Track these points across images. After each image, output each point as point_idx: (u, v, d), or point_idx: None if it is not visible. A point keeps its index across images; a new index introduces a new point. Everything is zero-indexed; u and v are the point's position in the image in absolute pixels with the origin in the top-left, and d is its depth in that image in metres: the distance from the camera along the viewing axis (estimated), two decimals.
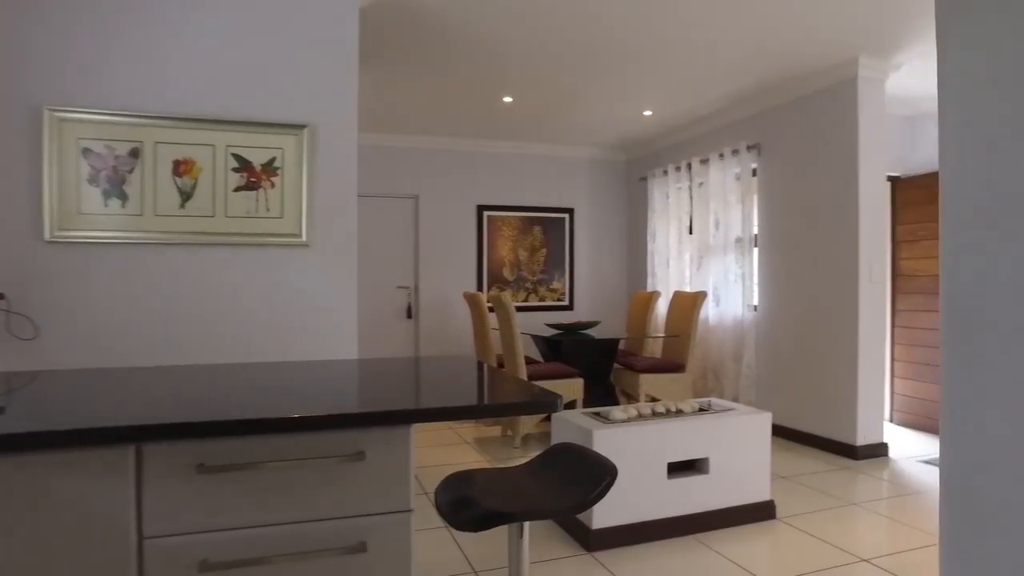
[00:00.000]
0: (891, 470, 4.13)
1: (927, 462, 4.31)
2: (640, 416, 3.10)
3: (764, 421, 3.25)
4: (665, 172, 6.36)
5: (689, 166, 5.99)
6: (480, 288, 6.72)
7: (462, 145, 6.59)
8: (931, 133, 5.27)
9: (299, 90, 3.11)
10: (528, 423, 4.65)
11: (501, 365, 5.25)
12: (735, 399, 5.35)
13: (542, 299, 6.96)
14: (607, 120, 5.88)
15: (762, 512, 3.23)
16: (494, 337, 5.47)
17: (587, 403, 4.98)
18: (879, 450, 4.43)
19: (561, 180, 7.04)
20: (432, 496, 3.41)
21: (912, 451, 4.57)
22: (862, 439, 4.39)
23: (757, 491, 3.23)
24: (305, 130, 3.04)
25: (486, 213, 6.74)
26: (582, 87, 4.86)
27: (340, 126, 3.19)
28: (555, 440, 3.24)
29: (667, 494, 3.00)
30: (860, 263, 4.38)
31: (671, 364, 5.14)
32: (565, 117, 5.75)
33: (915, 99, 5.22)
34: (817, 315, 4.71)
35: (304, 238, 3.06)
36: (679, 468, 3.10)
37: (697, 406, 3.29)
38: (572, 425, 3.03)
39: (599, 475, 1.67)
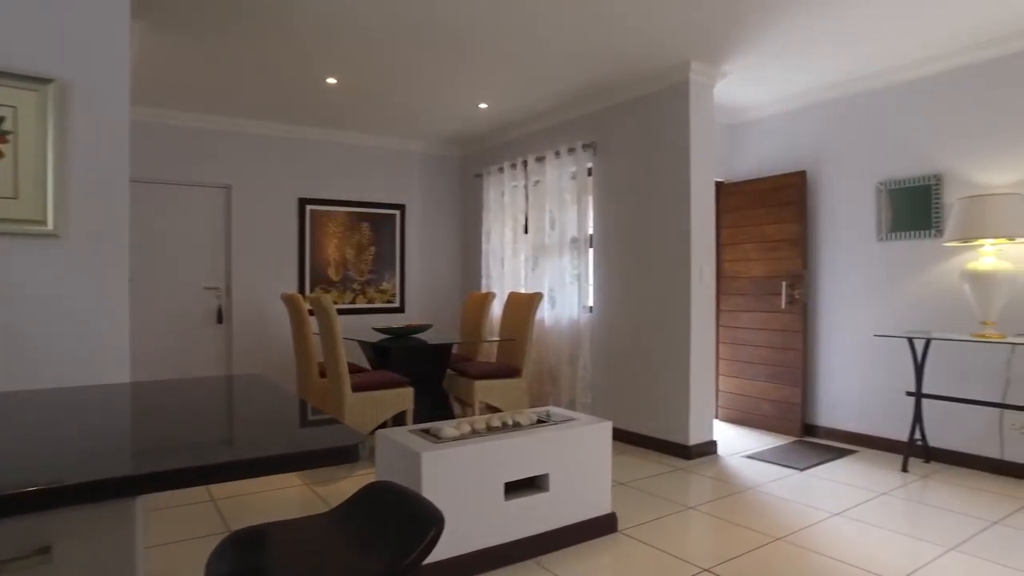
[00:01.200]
0: (720, 468, 4.17)
1: (751, 457, 4.41)
2: (474, 432, 2.77)
3: (605, 431, 3.06)
4: (501, 169, 6.14)
5: (525, 164, 5.82)
6: (302, 289, 6.09)
7: (282, 131, 5.92)
8: (751, 142, 5.50)
9: (43, 33, 2.42)
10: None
11: (323, 374, 4.71)
12: (571, 403, 5.23)
13: (371, 301, 6.46)
14: (441, 112, 5.54)
15: (604, 526, 3.04)
16: (317, 343, 4.90)
17: (418, 414, 4.59)
18: (709, 448, 4.48)
19: (392, 174, 6.59)
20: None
21: (737, 447, 4.68)
22: (694, 438, 4.41)
23: (599, 505, 3.03)
24: (51, 86, 2.37)
25: (309, 207, 6.12)
26: (414, 72, 4.47)
27: (105, 87, 2.55)
28: (380, 462, 2.82)
29: (505, 517, 2.70)
30: (692, 265, 4.40)
31: (507, 369, 4.89)
32: (396, 105, 5.32)
33: (737, 109, 5.43)
34: (650, 316, 4.70)
35: (51, 226, 2.38)
36: (517, 487, 2.81)
37: (535, 417, 3.02)
38: (398, 447, 2.64)
39: (423, 527, 1.29)
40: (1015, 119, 4.00)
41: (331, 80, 4.61)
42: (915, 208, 4.40)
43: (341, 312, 6.26)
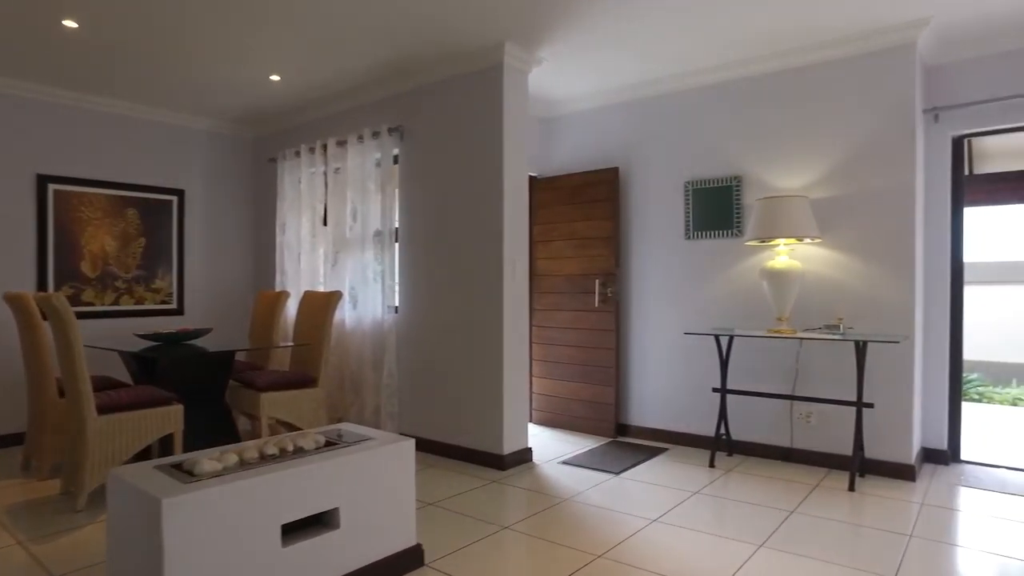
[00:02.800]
0: (536, 477, 3.92)
1: (567, 463, 4.23)
2: (243, 463, 2.20)
3: (406, 451, 2.62)
4: (298, 154, 5.47)
5: (325, 148, 5.21)
6: (44, 287, 4.96)
7: (6, 87, 4.75)
8: (565, 136, 5.37)
9: None
10: (98, 474, 3.34)
11: (62, 393, 3.79)
12: (376, 412, 4.73)
13: (140, 301, 5.45)
14: (226, 82, 4.76)
15: (408, 561, 2.60)
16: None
17: (191, 437, 3.83)
18: (524, 455, 4.23)
19: (168, 154, 5.62)
20: None
21: (552, 452, 4.48)
22: (509, 447, 4.13)
23: (401, 537, 2.59)
24: None
25: (52, 186, 4.99)
26: (185, 28, 3.70)
27: None
28: (112, 513, 2.14)
29: (284, 567, 2.16)
30: (504, 262, 4.11)
31: (300, 378, 4.28)
32: (167, 68, 4.46)
33: (552, 102, 5.27)
34: (460, 317, 4.34)
35: None
36: (299, 528, 2.28)
37: (323, 439, 2.51)
38: (133, 491, 1.99)
39: None
40: (796, 130, 4.20)
41: (69, 23, 3.68)
42: (719, 208, 4.49)
43: (101, 315, 5.20)
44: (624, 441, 4.80)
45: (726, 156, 4.49)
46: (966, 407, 4.30)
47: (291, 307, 5.28)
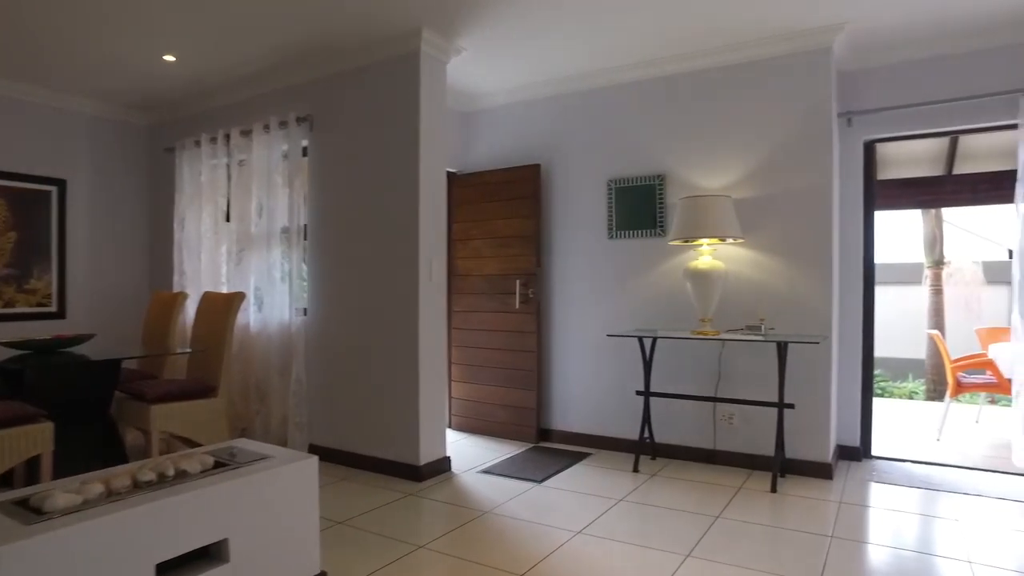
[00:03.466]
0: (455, 489, 3.71)
1: (487, 471, 4.04)
2: (110, 494, 1.89)
3: (308, 470, 2.36)
4: (198, 143, 5.04)
5: (228, 138, 4.81)
6: None
7: None
8: (486, 131, 5.18)
9: None
10: None
11: None
12: (283, 422, 4.40)
13: (10, 304, 4.88)
14: (112, 60, 4.30)
15: None
16: None
17: (65, 459, 3.39)
18: (442, 465, 4.01)
19: (46, 139, 5.07)
20: None
21: (472, 460, 4.28)
22: (426, 456, 3.90)
23: (303, 566, 2.33)
24: None
25: None
26: None
27: None
28: None
29: None
30: (420, 261, 3.88)
31: (198, 387, 3.91)
32: (44, 40, 3.98)
33: (473, 95, 5.07)
34: (374, 319, 4.08)
35: None
36: (179, 565, 1.99)
37: (212, 460, 2.22)
38: None
39: None
40: (719, 129, 4.17)
41: None
42: (642, 207, 4.41)
43: None
44: (547, 447, 4.66)
45: (650, 154, 4.42)
46: (874, 403, 4.39)
47: (190, 309, 4.85)
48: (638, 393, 4.18)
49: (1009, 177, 3.94)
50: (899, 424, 5.73)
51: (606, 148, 4.58)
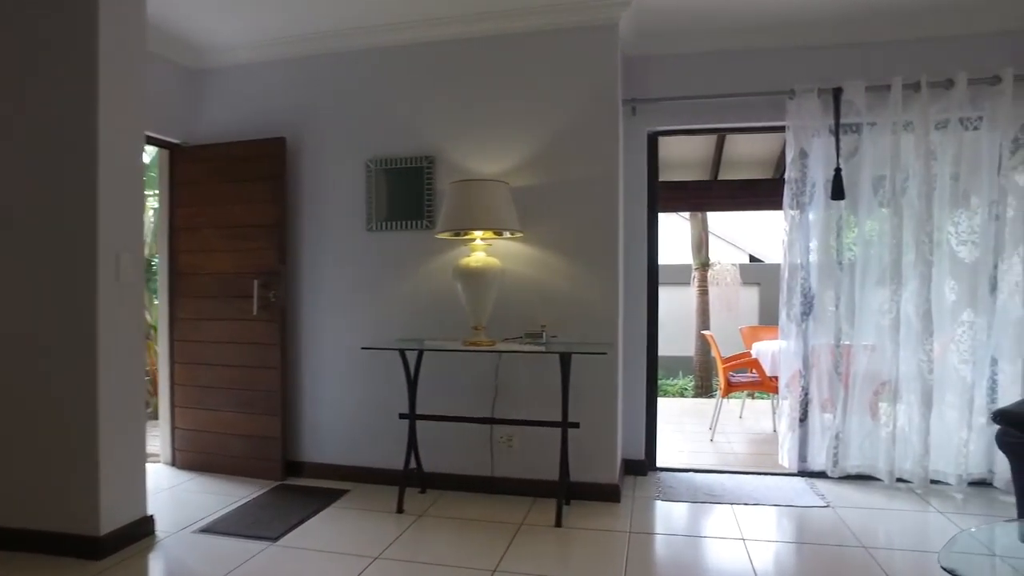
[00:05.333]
0: (153, 565, 2.71)
1: (206, 530, 3.08)
2: None
3: None
4: None
5: None
6: None
7: None
8: (221, 94, 4.14)
9: None
10: None
11: None
12: None
13: None
14: None
15: None
16: None
17: None
18: (140, 529, 2.95)
19: None
20: None
21: (193, 512, 3.26)
22: (110, 522, 2.82)
23: None
24: None
25: None
26: None
27: None
28: None
29: None
30: (99, 255, 2.80)
31: None
32: None
33: (203, 48, 4.03)
34: (26, 337, 2.88)
35: None
36: None
37: None
38: None
39: None
40: (497, 105, 3.64)
41: None
42: (408, 194, 3.73)
43: None
44: (295, 484, 3.79)
45: (417, 131, 3.75)
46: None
47: None
48: (402, 416, 3.49)
49: (766, 185, 3.96)
50: (676, 425, 5.74)
51: (366, 122, 3.83)
